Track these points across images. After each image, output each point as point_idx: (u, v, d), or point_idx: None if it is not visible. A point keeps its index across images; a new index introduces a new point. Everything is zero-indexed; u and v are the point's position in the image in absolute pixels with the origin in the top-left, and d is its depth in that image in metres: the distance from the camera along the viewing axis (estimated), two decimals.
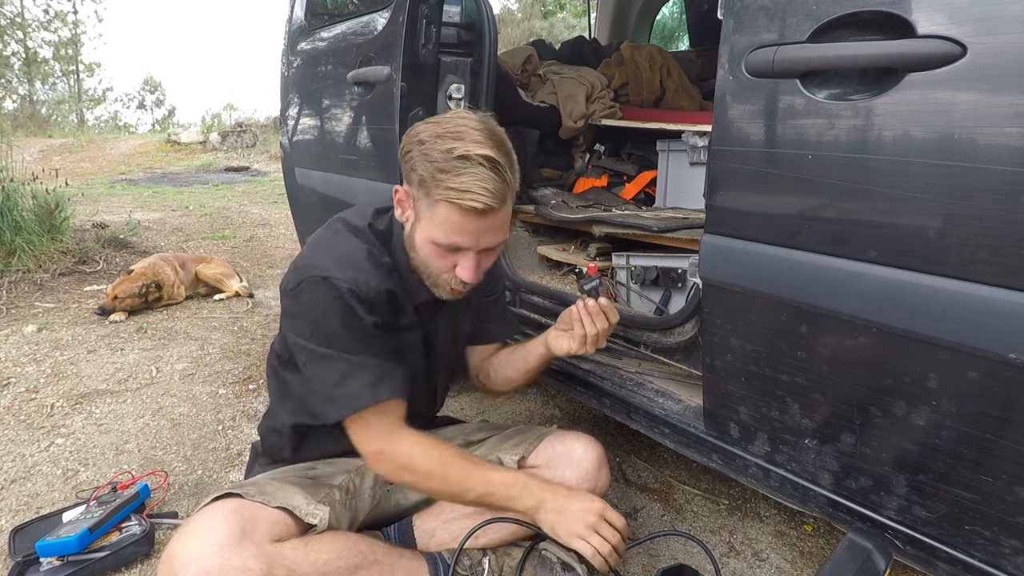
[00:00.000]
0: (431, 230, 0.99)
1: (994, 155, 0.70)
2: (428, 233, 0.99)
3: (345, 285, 0.98)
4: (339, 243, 1.04)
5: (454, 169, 0.92)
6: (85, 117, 17.55)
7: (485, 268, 1.07)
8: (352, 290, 0.98)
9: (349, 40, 1.94)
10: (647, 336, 1.34)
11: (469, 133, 0.93)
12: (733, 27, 0.92)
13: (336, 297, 0.98)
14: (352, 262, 1.01)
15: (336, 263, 1.00)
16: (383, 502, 1.23)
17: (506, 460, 1.21)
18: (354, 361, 1.00)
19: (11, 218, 3.23)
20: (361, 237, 1.06)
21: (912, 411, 0.84)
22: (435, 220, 0.97)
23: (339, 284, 0.98)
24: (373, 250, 1.04)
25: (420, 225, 1.00)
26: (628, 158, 2.37)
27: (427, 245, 1.01)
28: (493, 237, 1.01)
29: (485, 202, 0.92)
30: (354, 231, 1.07)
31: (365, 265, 1.01)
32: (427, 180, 0.94)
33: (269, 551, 0.93)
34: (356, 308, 0.98)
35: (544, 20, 12.24)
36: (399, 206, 1.04)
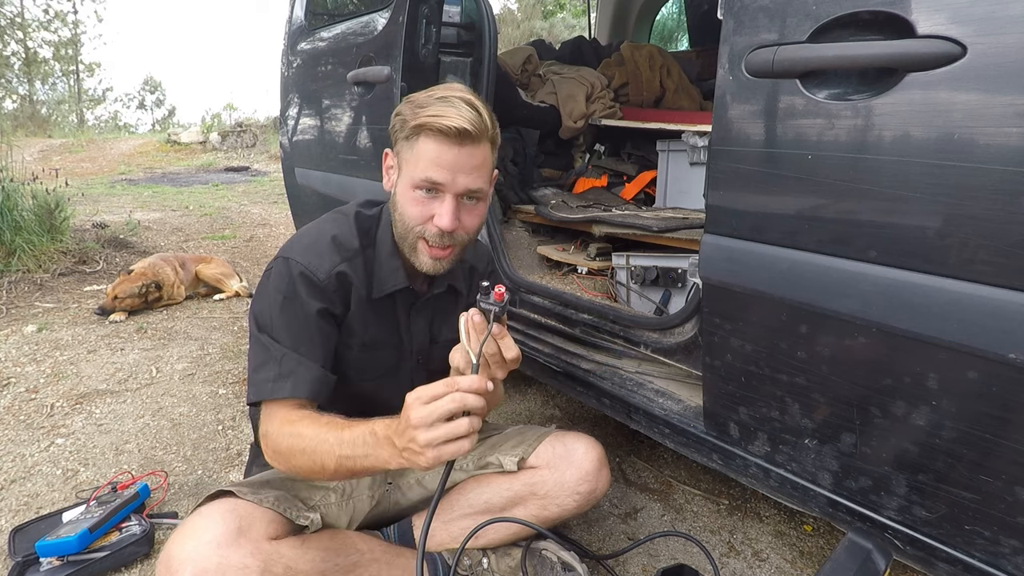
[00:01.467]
0: (410, 172, 0.98)
1: (994, 155, 0.70)
2: (407, 178, 0.98)
3: (298, 268, 1.01)
4: (314, 228, 1.08)
5: (433, 104, 0.95)
6: (85, 117, 17.55)
7: (469, 226, 1.02)
8: (303, 273, 1.01)
9: (349, 40, 1.94)
10: (647, 336, 1.34)
11: (453, 88, 0.99)
12: (733, 27, 0.92)
13: (286, 277, 1.01)
14: (313, 246, 1.04)
15: (301, 247, 1.04)
16: (383, 502, 1.23)
17: (506, 461, 1.21)
18: (272, 350, 1.00)
19: (11, 218, 3.23)
20: (339, 221, 1.09)
21: (912, 411, 0.84)
22: (412, 158, 0.97)
23: (293, 266, 1.01)
24: (341, 234, 1.06)
25: (402, 176, 1.00)
26: (628, 158, 2.37)
27: (406, 194, 0.99)
28: (471, 177, 0.97)
29: (459, 124, 0.93)
30: (337, 215, 1.10)
31: (324, 248, 1.04)
32: (408, 119, 0.97)
33: (266, 548, 0.93)
34: (300, 291, 1.01)
35: (544, 20, 12.24)
36: (386, 173, 1.06)
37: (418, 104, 0.97)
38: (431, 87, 1.01)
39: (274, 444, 0.98)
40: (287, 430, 0.97)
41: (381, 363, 1.15)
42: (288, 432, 0.96)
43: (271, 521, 0.98)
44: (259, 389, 1.00)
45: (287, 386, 0.99)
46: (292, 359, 1.00)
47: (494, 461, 1.22)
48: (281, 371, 0.99)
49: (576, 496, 1.18)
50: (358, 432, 0.90)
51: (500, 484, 1.20)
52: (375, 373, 1.14)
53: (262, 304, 1.04)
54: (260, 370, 1.01)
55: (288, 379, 0.99)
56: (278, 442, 0.98)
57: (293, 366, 1.00)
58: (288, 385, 0.99)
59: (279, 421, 0.99)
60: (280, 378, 0.99)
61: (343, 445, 0.90)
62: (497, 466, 1.21)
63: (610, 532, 1.44)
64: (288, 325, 1.01)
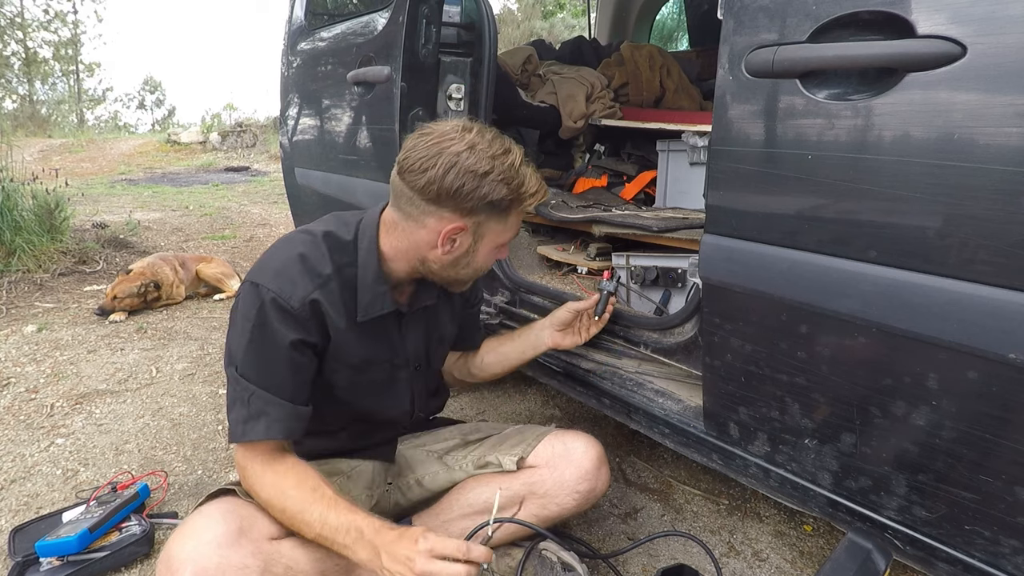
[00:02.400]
0: (498, 238, 1.05)
1: (994, 155, 0.70)
2: (494, 242, 1.05)
3: (270, 295, 0.96)
4: (284, 249, 1.03)
5: (517, 176, 0.99)
6: (85, 117, 17.55)
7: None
8: (275, 299, 0.96)
9: (349, 40, 1.94)
10: (647, 336, 1.34)
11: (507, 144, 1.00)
12: (733, 27, 0.92)
13: (257, 306, 0.96)
14: (284, 270, 0.99)
15: (272, 272, 0.99)
16: (382, 502, 1.23)
17: (505, 461, 1.21)
18: (239, 390, 0.97)
19: (11, 218, 3.23)
20: (307, 243, 1.03)
21: (912, 411, 0.84)
22: (504, 228, 1.04)
23: (264, 294, 0.96)
24: (312, 256, 1.01)
25: (484, 243, 1.04)
26: (628, 158, 2.37)
27: (490, 253, 1.06)
28: None
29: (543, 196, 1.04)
30: (305, 235, 1.05)
31: (295, 273, 0.99)
32: (506, 199, 0.98)
33: (267, 548, 0.93)
34: (272, 319, 0.96)
35: (544, 20, 12.24)
36: (446, 243, 1.00)
37: (499, 175, 0.96)
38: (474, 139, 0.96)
39: (254, 486, 0.98)
40: (269, 480, 0.97)
41: (375, 380, 1.13)
42: (271, 483, 0.97)
43: (272, 520, 0.98)
44: (232, 430, 0.98)
45: (259, 429, 0.96)
46: (260, 398, 0.97)
47: (493, 461, 1.22)
48: (250, 412, 0.96)
49: (575, 495, 1.18)
50: (343, 520, 0.93)
51: (499, 484, 1.20)
52: (369, 391, 1.13)
53: (232, 333, 1.00)
54: (232, 409, 0.98)
55: (258, 420, 0.96)
56: (258, 488, 0.97)
57: (262, 406, 0.97)
58: (260, 428, 0.96)
59: (260, 463, 0.98)
60: (250, 419, 0.96)
61: (325, 527, 0.93)
62: (496, 466, 1.21)
63: (610, 532, 1.44)
64: (257, 359, 0.97)
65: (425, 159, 0.95)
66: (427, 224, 0.99)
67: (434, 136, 0.96)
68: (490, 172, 0.95)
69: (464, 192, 0.95)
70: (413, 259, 1.05)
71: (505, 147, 0.98)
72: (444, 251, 1.01)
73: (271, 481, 0.97)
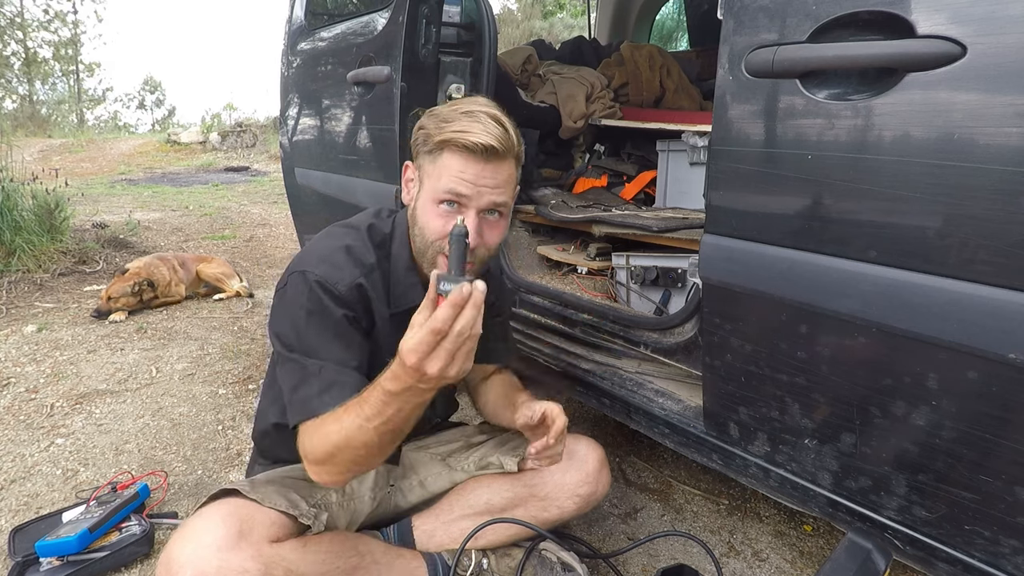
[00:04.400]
0: (432, 185, 0.97)
1: (994, 155, 0.70)
2: (430, 191, 0.97)
3: (315, 278, 0.98)
4: (326, 241, 1.05)
5: (459, 119, 0.94)
6: (85, 117, 17.55)
7: (490, 242, 1.01)
8: (320, 282, 0.98)
9: (349, 40, 1.94)
10: (647, 336, 1.34)
11: (477, 102, 0.99)
12: (733, 27, 0.92)
13: (307, 289, 0.98)
14: (329, 258, 1.01)
15: (316, 259, 1.01)
16: (383, 503, 1.23)
17: (506, 461, 1.21)
18: (309, 367, 0.96)
19: (11, 218, 3.23)
20: (351, 235, 1.06)
21: (912, 411, 0.84)
22: (435, 172, 0.96)
23: (310, 277, 0.98)
24: (356, 247, 1.04)
25: (423, 189, 0.99)
26: (628, 158, 2.37)
27: (428, 207, 0.98)
28: (495, 193, 0.97)
29: (486, 141, 0.92)
30: (347, 229, 1.08)
31: (341, 260, 1.01)
32: (432, 133, 0.96)
33: (267, 552, 0.93)
34: (324, 299, 0.98)
35: (544, 20, 12.24)
36: (406, 186, 1.05)
37: (443, 119, 0.96)
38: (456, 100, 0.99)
39: (314, 457, 0.93)
40: (317, 438, 0.93)
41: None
42: (319, 437, 0.92)
43: (272, 523, 0.98)
44: (304, 407, 0.94)
45: (333, 397, 0.94)
46: (332, 370, 0.96)
47: (495, 461, 1.22)
48: (323, 384, 0.95)
49: (576, 498, 1.18)
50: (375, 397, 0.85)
51: (500, 485, 1.20)
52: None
53: (283, 323, 1.00)
54: (300, 388, 0.96)
55: (332, 390, 0.95)
56: (316, 453, 0.92)
57: (334, 376, 0.96)
58: (334, 396, 0.94)
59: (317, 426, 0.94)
60: (324, 391, 0.95)
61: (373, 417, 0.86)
62: (498, 466, 1.21)
63: (610, 532, 1.44)
64: (319, 337, 0.98)
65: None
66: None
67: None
68: (436, 113, 0.98)
69: (415, 134, 1.00)
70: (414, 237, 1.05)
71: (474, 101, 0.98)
72: (406, 197, 1.04)
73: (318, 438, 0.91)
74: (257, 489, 1.03)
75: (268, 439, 1.19)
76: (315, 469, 0.95)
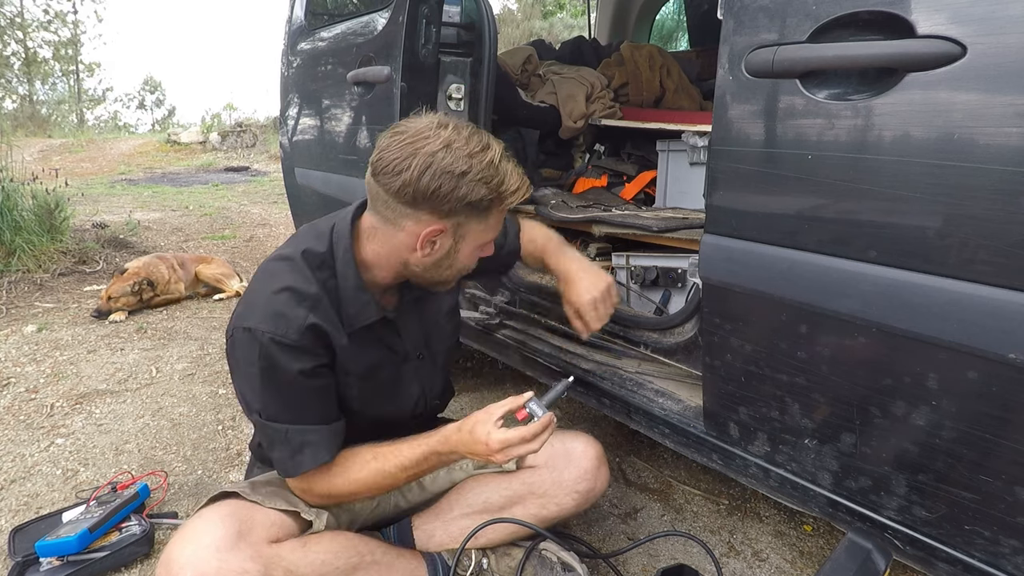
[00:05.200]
0: (480, 237, 1.01)
1: (994, 155, 0.70)
2: (475, 242, 1.01)
3: (267, 336, 0.94)
4: (263, 285, 1.00)
5: (497, 175, 0.94)
6: (85, 117, 17.55)
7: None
8: (273, 339, 0.94)
9: (349, 40, 1.94)
10: (647, 336, 1.34)
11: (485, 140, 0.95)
12: (733, 27, 0.92)
13: (258, 351, 0.94)
14: (271, 307, 0.96)
15: (260, 313, 0.96)
16: (383, 503, 1.23)
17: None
18: (275, 432, 0.99)
19: (11, 218, 3.23)
20: (286, 270, 1.00)
21: (912, 411, 0.84)
22: (485, 227, 1.00)
23: (260, 336, 0.94)
24: (295, 284, 0.98)
25: (466, 242, 1.00)
26: (628, 158, 2.37)
27: (472, 253, 1.03)
28: None
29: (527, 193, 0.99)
30: (282, 262, 1.02)
31: (283, 306, 0.96)
32: (486, 199, 0.94)
33: (266, 552, 0.93)
34: (276, 357, 0.95)
35: (544, 20, 12.24)
36: (426, 246, 0.97)
37: (477, 175, 0.92)
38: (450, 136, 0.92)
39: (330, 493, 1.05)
40: (338, 481, 1.03)
41: (383, 382, 1.13)
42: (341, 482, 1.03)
43: (272, 524, 0.98)
44: (283, 468, 1.02)
45: (305, 460, 1.00)
46: (296, 432, 0.99)
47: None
48: (293, 448, 0.99)
49: (574, 495, 1.18)
50: (417, 454, 1.04)
51: (499, 483, 1.20)
52: (379, 394, 1.13)
53: (242, 383, 1.01)
54: (272, 450, 1.01)
55: (303, 452, 0.99)
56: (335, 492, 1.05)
57: (301, 438, 0.99)
58: (306, 459, 1.00)
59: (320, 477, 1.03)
60: (295, 455, 0.99)
61: (409, 470, 1.04)
62: (496, 465, 1.21)
63: (610, 532, 1.44)
64: (277, 399, 0.98)
65: (399, 160, 0.91)
66: (405, 227, 0.96)
67: (408, 135, 0.92)
68: (468, 172, 0.91)
69: (441, 194, 0.91)
70: (395, 263, 1.02)
71: (483, 143, 0.93)
72: (424, 254, 0.98)
73: (340, 481, 1.03)
74: (258, 490, 1.03)
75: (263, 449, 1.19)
76: (319, 499, 1.06)
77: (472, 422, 1.00)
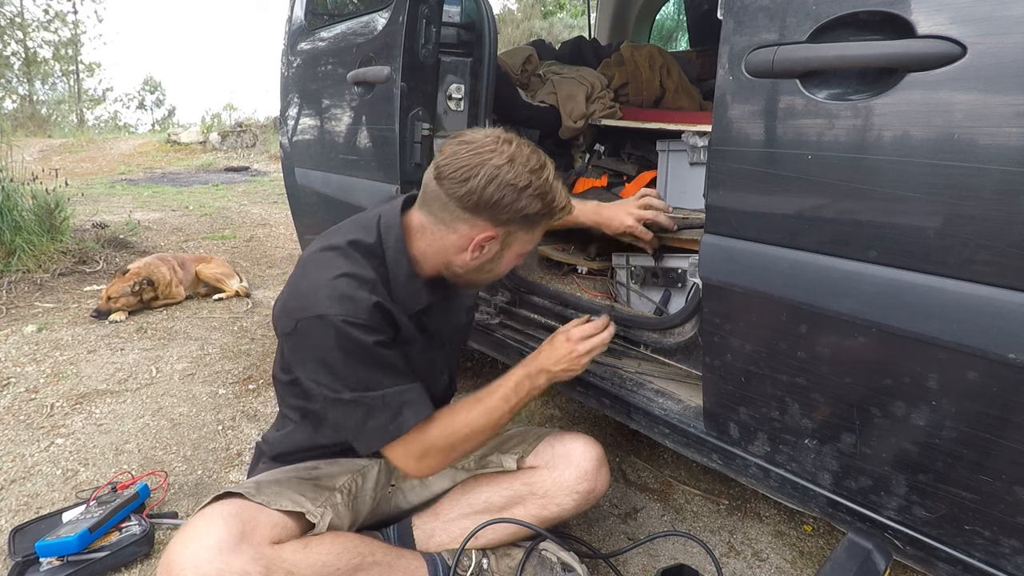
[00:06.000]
0: (523, 247, 1.10)
1: (994, 155, 0.70)
2: (519, 249, 1.10)
3: (338, 318, 0.97)
4: (321, 275, 1.02)
5: (551, 191, 1.02)
6: (85, 117, 17.56)
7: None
8: (345, 321, 0.97)
9: (349, 40, 1.94)
10: (647, 336, 1.34)
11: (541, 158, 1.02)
12: (733, 27, 0.92)
13: (335, 333, 0.97)
14: (336, 292, 0.99)
15: (326, 297, 0.99)
16: (383, 503, 1.23)
17: (506, 460, 1.21)
18: (370, 401, 1.01)
19: (11, 218, 3.23)
20: (340, 259, 1.04)
21: (912, 411, 0.84)
22: (531, 236, 1.08)
23: (332, 319, 0.97)
24: (354, 270, 1.02)
25: (511, 248, 1.08)
26: (628, 158, 2.37)
27: (513, 259, 1.11)
28: None
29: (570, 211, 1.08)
30: (331, 253, 1.05)
31: (349, 290, 1.00)
32: (539, 213, 1.02)
33: (268, 554, 0.93)
34: (355, 335, 0.98)
35: (544, 20, 12.24)
36: (476, 250, 1.04)
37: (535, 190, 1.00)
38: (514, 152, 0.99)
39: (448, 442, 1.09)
40: (440, 432, 1.08)
41: (426, 366, 1.18)
42: (445, 433, 1.08)
43: (275, 524, 0.98)
44: (384, 434, 1.03)
45: (408, 418, 1.03)
46: (394, 395, 1.02)
47: (494, 460, 1.22)
48: (392, 410, 1.02)
49: (575, 495, 1.18)
50: (507, 389, 1.14)
51: (499, 483, 1.20)
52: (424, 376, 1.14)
53: (318, 371, 1.01)
54: (369, 420, 1.02)
55: (403, 413, 1.03)
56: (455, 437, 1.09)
57: (400, 399, 1.03)
58: (408, 416, 1.04)
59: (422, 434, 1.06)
60: (396, 416, 1.03)
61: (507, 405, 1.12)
62: (497, 465, 1.22)
63: (610, 532, 1.44)
64: (365, 371, 1.01)
65: (467, 168, 0.97)
66: (459, 230, 1.03)
67: (475, 146, 0.98)
68: (528, 186, 0.98)
69: (503, 204, 0.98)
70: (439, 262, 1.09)
71: (541, 162, 1.01)
72: (472, 257, 1.05)
73: (453, 427, 1.09)
74: (263, 491, 1.03)
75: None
76: (428, 460, 1.08)
77: (548, 339, 1.19)
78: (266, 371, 2.26)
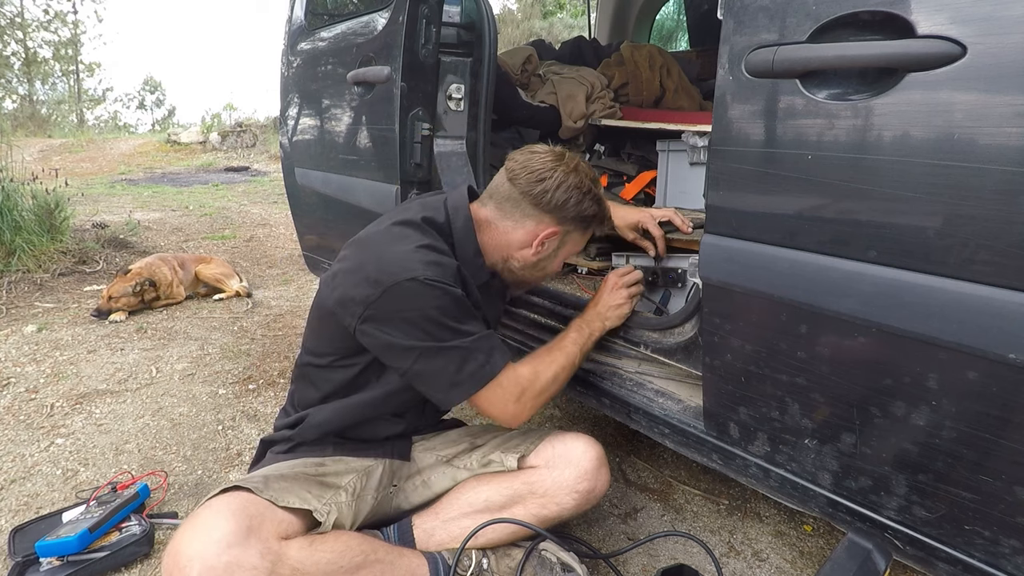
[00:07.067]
0: (574, 249, 1.25)
1: (994, 155, 0.70)
2: (570, 249, 1.25)
3: (430, 279, 1.05)
4: (402, 246, 1.10)
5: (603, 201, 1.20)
6: (85, 117, 17.57)
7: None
8: (434, 281, 1.05)
9: (349, 40, 1.94)
10: (647, 336, 1.34)
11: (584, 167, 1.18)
12: (733, 27, 0.92)
13: (428, 290, 1.04)
14: (423, 258, 1.08)
15: (417, 262, 1.06)
16: (384, 503, 1.23)
17: (506, 459, 1.21)
18: (465, 346, 1.08)
19: (11, 218, 3.23)
20: (418, 233, 1.13)
21: (912, 411, 0.84)
22: (581, 239, 1.24)
23: (426, 281, 1.04)
24: (432, 242, 1.12)
25: (564, 248, 1.23)
26: (628, 158, 2.37)
27: (561, 261, 1.26)
28: None
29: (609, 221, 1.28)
30: (408, 228, 1.13)
31: (432, 257, 1.09)
32: (594, 217, 1.19)
33: (275, 549, 0.93)
34: (448, 289, 1.06)
35: (544, 20, 12.24)
36: (539, 246, 1.18)
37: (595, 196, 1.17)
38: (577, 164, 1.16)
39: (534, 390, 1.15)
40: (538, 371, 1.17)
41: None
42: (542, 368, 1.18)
43: (281, 520, 0.98)
44: (479, 377, 1.09)
45: (498, 360, 1.11)
46: (485, 338, 1.10)
47: (495, 459, 1.23)
48: (486, 352, 1.10)
49: (575, 495, 1.18)
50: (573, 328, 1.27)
51: (500, 483, 1.20)
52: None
53: (413, 329, 1.05)
54: (465, 367, 1.08)
55: (494, 355, 1.11)
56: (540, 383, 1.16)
57: (490, 343, 1.11)
58: (498, 359, 1.11)
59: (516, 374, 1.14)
60: (490, 358, 1.10)
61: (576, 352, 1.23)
62: (498, 464, 1.22)
63: (610, 532, 1.44)
64: (460, 319, 1.08)
65: (543, 171, 1.13)
66: (526, 226, 1.17)
67: (545, 155, 1.15)
68: (590, 192, 1.16)
69: (569, 204, 1.14)
70: (498, 257, 1.21)
71: (594, 175, 1.18)
72: (534, 252, 1.19)
73: (533, 372, 1.17)
74: (270, 487, 1.03)
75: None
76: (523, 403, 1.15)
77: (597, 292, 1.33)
78: (266, 371, 2.26)
